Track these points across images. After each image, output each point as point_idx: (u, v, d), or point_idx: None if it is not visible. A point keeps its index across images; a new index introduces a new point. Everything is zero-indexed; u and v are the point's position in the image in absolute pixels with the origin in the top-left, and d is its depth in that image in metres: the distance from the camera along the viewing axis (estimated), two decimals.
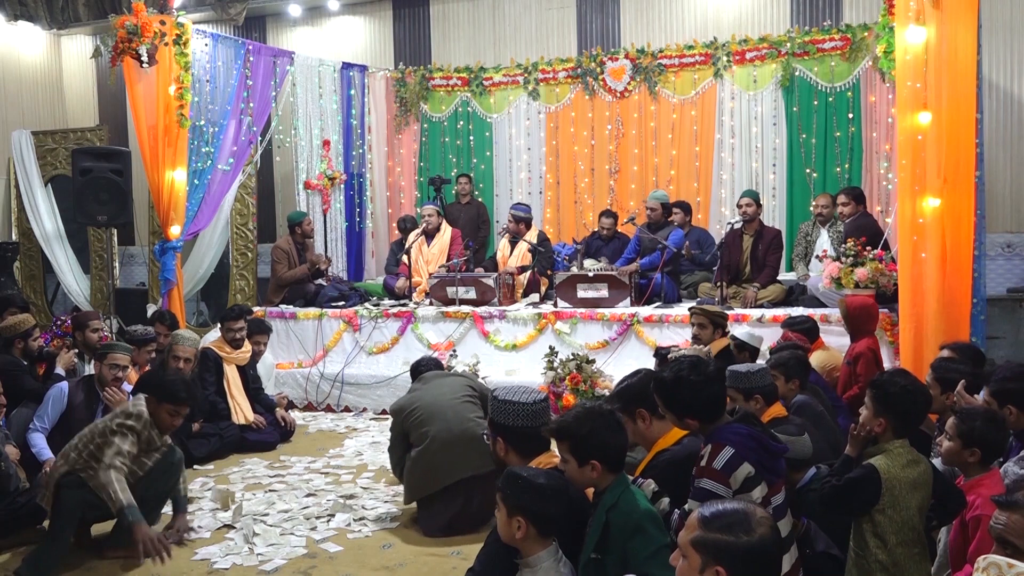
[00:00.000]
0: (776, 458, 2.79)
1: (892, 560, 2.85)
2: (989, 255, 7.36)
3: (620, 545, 2.48)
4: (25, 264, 9.81)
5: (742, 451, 2.66)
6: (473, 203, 9.15)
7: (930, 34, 4.84)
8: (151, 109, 7.06)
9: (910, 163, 4.98)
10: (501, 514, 2.55)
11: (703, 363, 2.89)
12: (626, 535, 2.48)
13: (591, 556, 2.53)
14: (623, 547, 2.47)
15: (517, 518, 2.50)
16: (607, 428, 2.64)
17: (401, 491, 4.67)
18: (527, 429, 2.93)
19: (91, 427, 4.16)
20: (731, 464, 2.64)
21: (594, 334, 6.82)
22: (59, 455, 4.17)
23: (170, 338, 5.86)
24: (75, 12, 9.87)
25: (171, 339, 5.79)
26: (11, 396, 4.92)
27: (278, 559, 4.02)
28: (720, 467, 2.63)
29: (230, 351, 6.28)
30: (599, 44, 9.04)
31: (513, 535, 2.52)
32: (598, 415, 2.66)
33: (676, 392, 2.82)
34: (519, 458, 2.93)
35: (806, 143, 8.12)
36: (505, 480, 2.57)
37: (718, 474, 2.63)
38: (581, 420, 2.65)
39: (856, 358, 5.06)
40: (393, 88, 9.63)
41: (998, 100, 7.82)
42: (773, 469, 2.77)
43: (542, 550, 2.52)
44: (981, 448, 2.82)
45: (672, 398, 2.85)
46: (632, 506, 2.55)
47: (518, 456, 2.95)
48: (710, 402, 2.82)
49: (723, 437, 2.71)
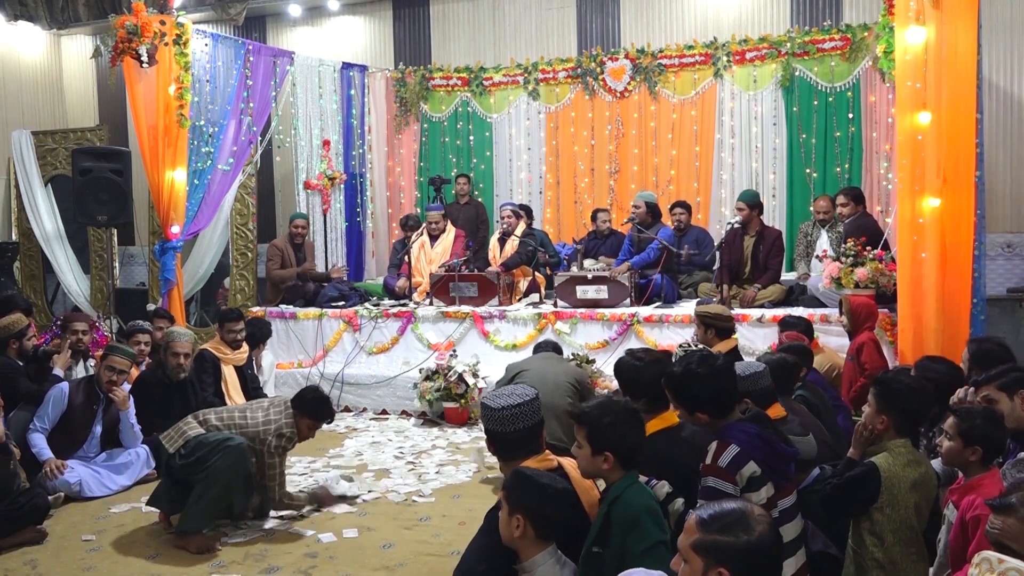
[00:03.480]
0: (786, 461, 2.77)
1: (888, 558, 2.85)
2: (989, 255, 7.35)
3: (620, 539, 2.48)
4: (25, 264, 9.81)
5: (748, 449, 2.65)
6: (472, 203, 9.15)
7: (930, 34, 4.84)
8: (151, 109, 7.06)
9: (910, 163, 4.98)
10: (503, 512, 2.54)
11: (712, 357, 2.90)
12: (624, 529, 2.48)
13: (592, 549, 2.52)
14: (622, 541, 2.47)
15: (517, 516, 2.49)
16: (626, 423, 2.64)
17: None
18: (501, 434, 2.83)
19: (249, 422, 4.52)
20: (736, 462, 2.64)
21: (594, 334, 6.82)
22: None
23: (165, 335, 5.73)
24: (75, 12, 9.86)
25: (166, 336, 5.65)
26: (8, 398, 4.91)
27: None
28: (725, 465, 2.64)
29: (227, 352, 6.28)
30: (599, 44, 9.04)
31: (512, 534, 2.51)
32: (621, 409, 2.67)
33: (685, 385, 2.84)
34: (503, 463, 2.88)
35: (806, 143, 8.12)
36: (511, 478, 2.57)
37: (723, 472, 2.63)
38: (603, 410, 2.66)
39: (860, 348, 5.09)
40: (393, 88, 9.63)
41: (998, 100, 7.82)
42: (781, 472, 2.75)
43: (539, 553, 2.50)
44: (982, 446, 2.82)
45: (681, 392, 2.87)
46: (633, 501, 2.54)
47: (502, 460, 2.90)
48: (718, 396, 2.82)
49: (730, 434, 2.71)
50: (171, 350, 5.51)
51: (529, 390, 2.93)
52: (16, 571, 4.01)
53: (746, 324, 6.27)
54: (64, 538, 4.40)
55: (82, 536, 4.42)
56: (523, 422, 2.81)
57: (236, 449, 4.28)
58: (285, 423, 4.49)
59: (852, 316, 5.31)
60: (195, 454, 4.29)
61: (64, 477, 4.91)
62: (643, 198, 7.68)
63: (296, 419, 4.52)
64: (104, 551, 4.22)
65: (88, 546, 4.29)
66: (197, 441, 4.33)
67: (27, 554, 4.20)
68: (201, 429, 4.43)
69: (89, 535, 4.42)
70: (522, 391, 2.91)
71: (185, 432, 4.39)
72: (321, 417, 4.57)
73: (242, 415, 4.53)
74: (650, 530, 2.47)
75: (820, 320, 6.18)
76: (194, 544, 4.16)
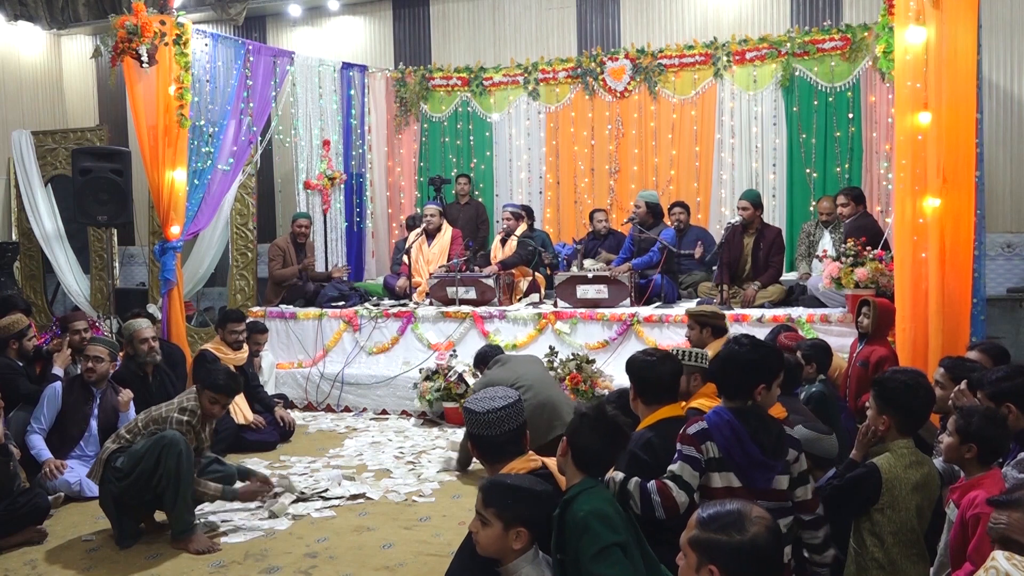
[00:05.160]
0: (753, 463, 2.75)
1: (888, 559, 2.85)
2: (989, 255, 7.36)
3: (574, 544, 2.46)
4: (25, 264, 9.80)
5: (712, 429, 2.79)
6: (472, 203, 9.15)
7: (930, 34, 4.83)
8: (151, 109, 7.05)
9: (910, 163, 4.98)
10: (492, 529, 2.48)
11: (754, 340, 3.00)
12: (576, 534, 2.46)
13: (557, 556, 2.52)
14: (576, 546, 2.45)
15: (517, 529, 2.47)
16: (589, 428, 2.63)
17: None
18: (486, 438, 2.82)
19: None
20: (700, 435, 2.79)
21: (594, 334, 6.82)
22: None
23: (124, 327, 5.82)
24: (75, 12, 9.86)
25: (126, 328, 5.73)
26: (8, 398, 4.91)
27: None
28: (692, 433, 2.81)
29: (228, 352, 6.28)
30: (599, 44, 9.04)
31: (509, 547, 2.48)
32: (588, 413, 2.67)
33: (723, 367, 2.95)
34: (488, 465, 2.87)
35: (806, 143, 8.12)
36: (496, 494, 2.51)
37: (690, 439, 2.80)
38: (579, 411, 2.73)
39: (880, 362, 4.80)
40: (393, 88, 9.63)
41: (998, 100, 7.82)
42: (743, 469, 2.75)
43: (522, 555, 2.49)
44: (978, 444, 2.80)
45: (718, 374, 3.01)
46: (581, 505, 2.50)
47: (486, 463, 2.88)
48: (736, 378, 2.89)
49: (708, 413, 2.88)
50: (137, 338, 5.60)
51: (511, 392, 2.93)
52: (16, 571, 4.01)
53: (746, 324, 6.26)
54: (64, 538, 4.40)
55: (82, 536, 4.41)
56: (508, 424, 2.81)
57: (172, 441, 4.15)
58: (187, 398, 4.40)
59: (878, 320, 5.02)
60: (135, 469, 4.16)
61: (64, 477, 4.91)
62: (644, 198, 7.68)
63: (199, 393, 4.39)
64: (104, 551, 4.21)
65: (88, 546, 4.29)
66: (129, 455, 4.20)
67: (27, 554, 4.20)
68: (113, 445, 4.30)
69: (89, 535, 4.42)
70: (504, 393, 2.90)
71: (101, 459, 4.28)
72: (218, 388, 4.34)
73: (148, 412, 4.42)
74: (599, 532, 2.43)
75: (820, 320, 6.18)
76: (194, 545, 4.15)
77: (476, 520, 2.53)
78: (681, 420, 3.15)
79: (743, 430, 2.77)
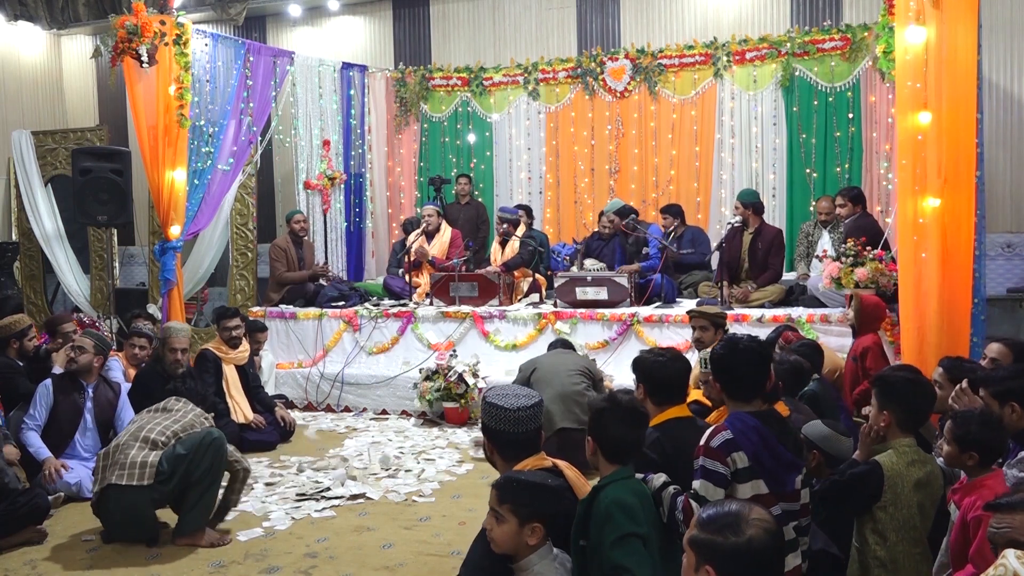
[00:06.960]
0: (784, 466, 2.72)
1: (891, 557, 2.85)
2: (989, 255, 7.36)
3: (597, 532, 2.52)
4: (25, 264, 9.80)
5: (739, 439, 2.66)
6: (472, 203, 9.15)
7: (930, 34, 4.83)
8: (151, 109, 7.05)
9: (910, 163, 4.97)
10: (507, 525, 2.52)
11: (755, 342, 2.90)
12: (599, 522, 2.52)
13: (579, 543, 2.57)
14: (599, 534, 2.51)
15: (533, 525, 2.50)
16: (617, 419, 2.71)
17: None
18: (510, 435, 2.84)
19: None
20: (727, 447, 2.66)
21: (594, 334, 6.81)
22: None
23: (163, 330, 5.66)
24: (75, 12, 9.86)
25: (164, 331, 5.58)
26: (7, 398, 4.91)
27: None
28: (716, 446, 2.66)
29: (228, 351, 6.28)
30: (599, 44, 9.04)
31: (524, 543, 2.51)
32: (616, 404, 2.73)
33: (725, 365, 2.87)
34: (503, 462, 2.88)
35: (806, 143, 8.12)
36: (512, 490, 2.54)
37: (715, 452, 2.65)
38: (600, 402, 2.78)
39: (863, 352, 5.07)
40: (393, 88, 9.63)
41: (998, 100, 7.82)
42: (774, 474, 2.70)
43: (537, 550, 2.53)
44: (978, 452, 2.80)
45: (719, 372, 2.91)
46: (608, 494, 2.57)
47: (502, 460, 2.89)
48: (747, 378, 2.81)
49: (728, 421, 2.74)
50: (169, 345, 5.44)
51: (533, 392, 2.98)
52: (16, 571, 4.01)
53: (746, 324, 6.26)
54: (64, 538, 4.40)
55: (82, 536, 4.41)
56: (532, 423, 2.87)
57: (216, 443, 4.25)
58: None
59: (860, 314, 5.25)
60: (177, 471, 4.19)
61: (64, 478, 4.91)
62: (611, 209, 7.71)
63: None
64: (104, 551, 4.21)
65: (88, 546, 4.29)
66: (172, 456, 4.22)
67: (27, 554, 4.20)
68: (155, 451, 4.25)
69: (89, 535, 4.41)
70: (527, 392, 2.95)
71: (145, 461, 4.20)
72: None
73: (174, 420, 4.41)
74: (620, 522, 2.49)
75: (820, 320, 6.18)
76: (205, 540, 4.18)
77: (490, 517, 2.56)
78: (688, 419, 3.17)
79: (769, 434, 2.73)
